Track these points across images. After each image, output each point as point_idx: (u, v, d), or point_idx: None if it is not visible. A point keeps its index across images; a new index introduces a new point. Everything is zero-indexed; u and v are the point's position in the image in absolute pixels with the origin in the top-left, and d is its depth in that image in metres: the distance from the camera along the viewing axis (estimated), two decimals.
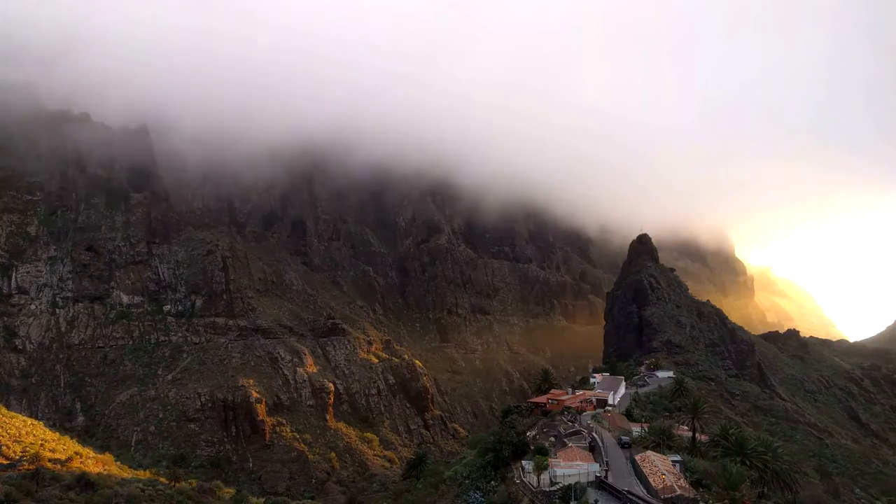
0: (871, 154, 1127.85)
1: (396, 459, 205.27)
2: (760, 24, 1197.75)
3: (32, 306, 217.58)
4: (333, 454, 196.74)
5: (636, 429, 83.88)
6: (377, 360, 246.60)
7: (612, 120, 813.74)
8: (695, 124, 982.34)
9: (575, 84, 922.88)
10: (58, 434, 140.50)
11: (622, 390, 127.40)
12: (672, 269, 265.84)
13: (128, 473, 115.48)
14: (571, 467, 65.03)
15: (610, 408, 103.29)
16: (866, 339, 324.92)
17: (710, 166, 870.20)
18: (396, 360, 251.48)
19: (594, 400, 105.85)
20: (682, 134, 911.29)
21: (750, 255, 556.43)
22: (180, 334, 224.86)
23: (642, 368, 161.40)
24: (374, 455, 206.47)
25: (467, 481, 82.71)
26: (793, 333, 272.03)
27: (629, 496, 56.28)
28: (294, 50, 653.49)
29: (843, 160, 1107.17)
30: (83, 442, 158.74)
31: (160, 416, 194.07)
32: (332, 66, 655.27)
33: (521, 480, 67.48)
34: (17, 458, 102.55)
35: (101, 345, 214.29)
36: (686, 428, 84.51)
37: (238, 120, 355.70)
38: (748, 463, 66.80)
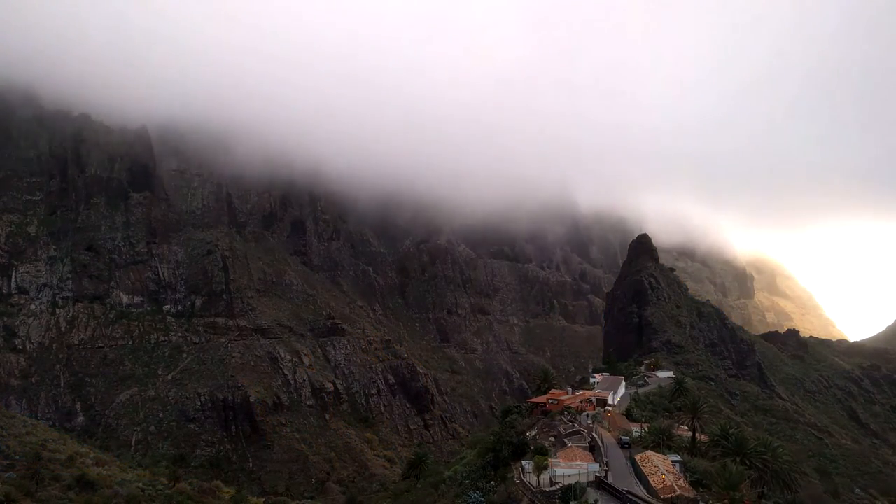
0: (873, 153, 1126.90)
1: (396, 459, 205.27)
2: None
3: (32, 306, 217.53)
4: (333, 454, 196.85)
5: (636, 429, 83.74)
6: (377, 360, 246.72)
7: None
8: (697, 120, 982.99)
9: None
10: (58, 434, 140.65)
11: (622, 390, 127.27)
12: (672, 269, 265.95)
13: (128, 473, 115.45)
14: (571, 467, 64.98)
15: (610, 408, 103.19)
16: (866, 339, 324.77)
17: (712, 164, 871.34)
18: (396, 360, 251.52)
19: (594, 400, 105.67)
20: (687, 130, 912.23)
21: (750, 253, 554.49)
22: (180, 334, 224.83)
23: (642, 368, 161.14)
24: (374, 455, 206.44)
25: (467, 481, 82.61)
26: (793, 333, 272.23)
27: (629, 496, 56.25)
28: (294, 51, 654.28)
29: (846, 159, 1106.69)
30: (83, 442, 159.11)
31: (160, 416, 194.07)
32: (331, 67, 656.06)
33: (521, 480, 67.44)
34: (17, 458, 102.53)
35: (101, 345, 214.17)
36: (686, 428, 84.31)
37: (238, 120, 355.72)
38: (748, 463, 66.64)
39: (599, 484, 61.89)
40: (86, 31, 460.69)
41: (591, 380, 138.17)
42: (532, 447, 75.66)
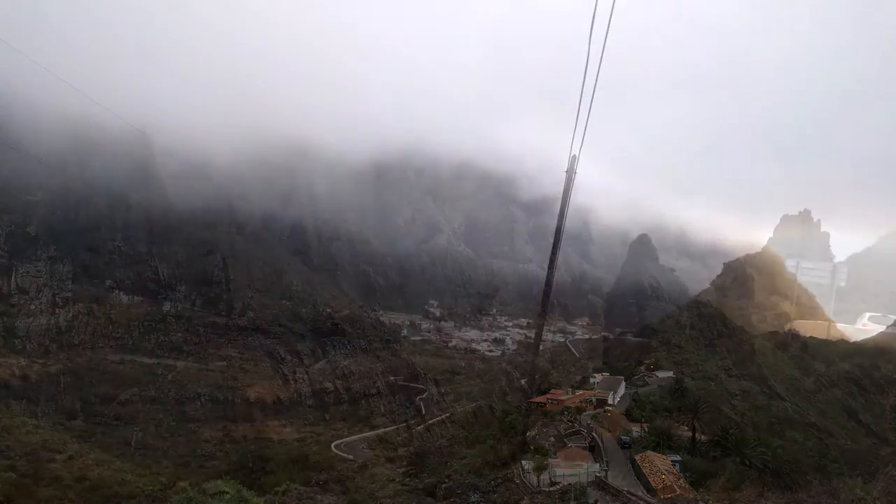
0: (874, 152, 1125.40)
1: (396, 459, 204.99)
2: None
3: (32, 306, 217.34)
4: (333, 454, 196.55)
5: (636, 429, 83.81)
6: (377, 360, 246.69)
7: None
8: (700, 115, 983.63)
9: None
10: (58, 434, 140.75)
11: (622, 390, 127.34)
12: (672, 270, 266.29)
13: (128, 473, 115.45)
14: (571, 467, 65.01)
15: (610, 408, 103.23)
16: (866, 339, 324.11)
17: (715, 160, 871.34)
18: (396, 360, 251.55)
19: (594, 400, 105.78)
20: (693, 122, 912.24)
21: (751, 252, 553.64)
22: (180, 334, 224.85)
23: (642, 368, 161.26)
24: (374, 455, 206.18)
25: (467, 481, 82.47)
26: (793, 333, 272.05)
27: (629, 496, 56.23)
28: (293, 51, 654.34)
29: (848, 158, 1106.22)
30: (83, 442, 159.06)
31: (160, 416, 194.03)
32: (329, 67, 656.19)
33: (521, 480, 67.42)
34: (17, 458, 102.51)
35: (101, 345, 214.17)
36: (686, 428, 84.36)
37: (238, 120, 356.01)
38: (748, 463, 66.70)
39: (599, 484, 61.90)
40: (86, 30, 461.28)
41: (591, 380, 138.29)
42: (532, 447, 75.65)
